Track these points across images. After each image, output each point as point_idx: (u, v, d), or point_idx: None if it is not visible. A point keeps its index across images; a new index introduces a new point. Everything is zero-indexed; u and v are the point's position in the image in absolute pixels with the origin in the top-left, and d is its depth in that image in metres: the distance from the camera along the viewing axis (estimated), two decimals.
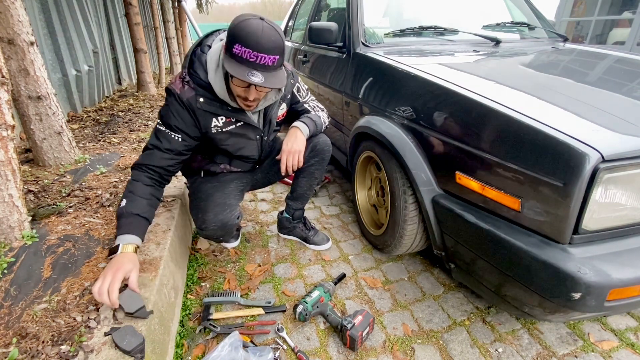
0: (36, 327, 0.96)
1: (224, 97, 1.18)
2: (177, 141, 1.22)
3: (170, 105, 1.19)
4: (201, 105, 1.18)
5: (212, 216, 1.33)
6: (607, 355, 1.19)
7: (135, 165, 1.21)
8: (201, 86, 1.18)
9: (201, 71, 1.18)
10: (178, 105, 1.18)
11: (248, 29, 1.00)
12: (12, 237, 1.31)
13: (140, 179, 1.19)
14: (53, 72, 3.13)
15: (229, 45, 1.03)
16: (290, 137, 1.39)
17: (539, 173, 0.90)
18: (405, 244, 1.47)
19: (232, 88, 1.15)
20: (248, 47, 1.00)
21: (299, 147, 1.37)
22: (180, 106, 1.18)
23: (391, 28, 1.96)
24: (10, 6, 1.66)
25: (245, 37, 0.99)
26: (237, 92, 1.15)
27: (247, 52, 1.00)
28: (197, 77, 1.17)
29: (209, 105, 1.20)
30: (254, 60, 1.01)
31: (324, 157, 1.56)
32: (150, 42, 6.64)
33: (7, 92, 1.32)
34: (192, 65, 1.19)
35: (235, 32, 1.01)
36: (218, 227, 1.34)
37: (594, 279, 0.83)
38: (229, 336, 1.11)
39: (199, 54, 1.19)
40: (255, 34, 1.00)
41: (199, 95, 1.17)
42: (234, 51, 1.01)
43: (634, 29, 4.49)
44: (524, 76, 1.39)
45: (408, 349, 1.22)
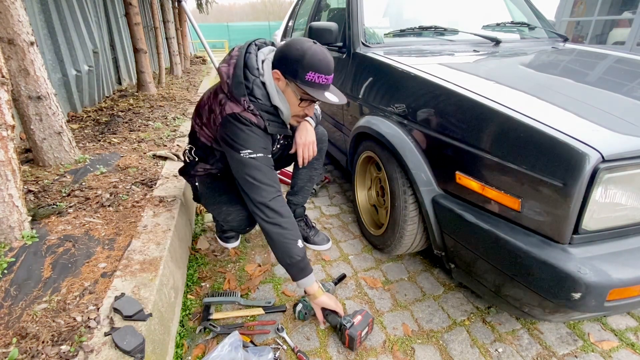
0: (36, 327, 0.96)
1: (287, 117, 1.25)
2: (270, 159, 1.25)
3: (252, 132, 1.18)
4: (270, 129, 1.21)
5: (240, 207, 1.36)
6: (607, 355, 1.19)
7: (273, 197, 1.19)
8: (265, 111, 1.20)
9: (262, 97, 1.18)
10: (260, 131, 1.20)
11: (319, 57, 1.08)
12: (12, 237, 1.31)
13: (289, 211, 1.22)
14: (53, 72, 3.13)
15: (299, 73, 1.08)
16: (301, 131, 1.44)
17: (539, 173, 0.90)
18: (405, 244, 1.47)
19: (293, 109, 1.21)
20: (322, 73, 1.09)
21: (312, 138, 1.46)
22: (262, 131, 1.21)
23: (391, 28, 1.96)
24: (10, 6, 1.66)
25: (319, 64, 1.08)
26: (297, 112, 1.22)
27: (321, 78, 1.10)
28: (261, 103, 1.18)
29: (274, 128, 1.24)
30: (325, 83, 1.12)
31: (322, 148, 1.61)
32: (150, 42, 6.64)
33: (7, 92, 1.32)
34: (251, 92, 1.16)
35: (307, 61, 1.07)
36: (246, 216, 1.37)
37: (594, 279, 0.83)
38: (229, 336, 1.11)
39: (252, 79, 1.16)
40: (325, 61, 1.09)
41: (266, 120, 1.20)
42: (307, 78, 1.09)
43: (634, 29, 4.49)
44: (524, 76, 1.39)
45: (408, 349, 1.22)
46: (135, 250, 1.29)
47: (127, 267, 1.20)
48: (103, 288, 1.11)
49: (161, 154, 2.31)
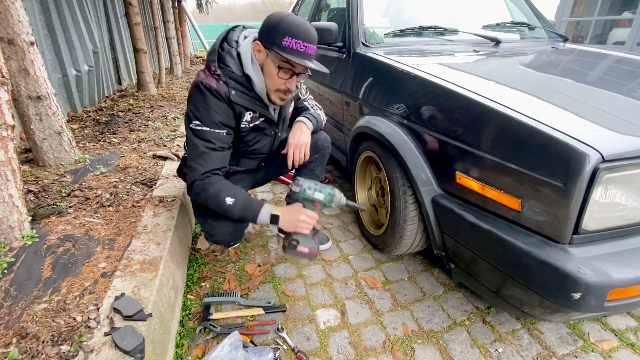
0: (36, 327, 0.96)
1: (262, 90, 1.21)
2: (225, 136, 1.20)
3: (209, 102, 1.14)
4: (234, 98, 1.17)
5: (224, 221, 1.31)
6: (607, 355, 1.19)
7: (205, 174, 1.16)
8: (234, 79, 1.17)
9: (233, 65, 1.17)
10: (217, 99, 1.15)
11: (297, 23, 1.08)
12: (12, 237, 1.31)
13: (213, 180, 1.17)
14: (53, 72, 3.12)
15: (276, 39, 1.08)
16: (295, 131, 1.40)
17: (539, 173, 0.90)
18: (405, 244, 1.47)
19: (273, 82, 1.18)
20: (299, 38, 1.07)
21: (305, 140, 1.40)
22: (219, 100, 1.16)
23: (391, 28, 1.96)
24: (10, 6, 1.66)
25: (296, 29, 1.07)
26: (277, 84, 1.18)
27: (299, 44, 1.07)
28: (229, 70, 1.17)
29: (241, 99, 1.19)
30: (304, 50, 1.09)
31: (324, 154, 1.57)
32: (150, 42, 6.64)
33: (7, 92, 1.32)
34: (221, 59, 1.18)
35: (283, 27, 1.07)
36: (229, 232, 1.34)
37: (594, 279, 0.83)
38: (229, 336, 1.11)
39: (227, 48, 1.19)
40: (303, 27, 1.08)
41: (231, 88, 1.17)
42: (284, 44, 1.07)
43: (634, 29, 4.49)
44: (524, 76, 1.39)
45: (408, 349, 1.22)
46: (135, 250, 1.29)
47: (127, 267, 1.20)
48: (103, 288, 1.11)
49: (161, 154, 2.31)
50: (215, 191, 1.16)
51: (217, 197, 1.15)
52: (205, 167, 1.17)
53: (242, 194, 1.18)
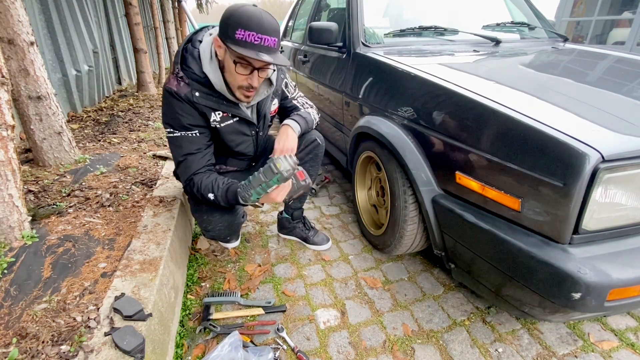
0: (36, 327, 0.96)
1: (221, 88, 1.17)
2: (198, 137, 1.22)
3: (173, 105, 1.17)
4: (197, 99, 1.17)
5: (219, 216, 1.33)
6: (607, 355, 1.19)
7: (187, 181, 1.25)
8: (196, 80, 1.16)
9: (194, 65, 1.16)
10: (178, 101, 1.16)
11: (249, 14, 1.02)
12: (12, 237, 1.31)
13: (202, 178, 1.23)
14: (53, 72, 3.13)
15: (229, 32, 1.03)
16: (281, 135, 1.36)
17: (539, 173, 0.90)
18: (405, 244, 1.47)
19: (233, 78, 1.14)
20: (252, 30, 1.01)
21: (291, 145, 1.34)
22: (181, 102, 1.17)
23: (391, 28, 1.96)
24: (10, 6, 1.66)
25: (248, 21, 1.01)
26: (238, 81, 1.13)
27: (252, 35, 1.01)
28: (191, 71, 1.16)
29: (205, 100, 1.18)
30: (259, 43, 1.03)
31: (317, 154, 1.55)
32: (150, 42, 6.64)
33: (7, 92, 1.32)
34: (184, 61, 1.18)
35: (235, 18, 1.02)
36: (225, 226, 1.34)
37: (594, 279, 0.83)
38: (228, 336, 1.11)
39: (190, 49, 1.18)
40: (257, 17, 1.02)
41: (194, 89, 1.16)
42: (237, 37, 1.02)
43: (634, 29, 4.49)
44: (524, 76, 1.39)
45: (408, 349, 1.22)
46: (135, 250, 1.29)
47: (127, 267, 1.20)
48: (103, 288, 1.11)
49: (161, 154, 2.31)
50: (200, 192, 1.23)
51: (202, 196, 1.23)
52: (187, 173, 1.24)
53: (219, 187, 1.22)
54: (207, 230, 1.36)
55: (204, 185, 1.22)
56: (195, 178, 1.23)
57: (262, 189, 1.16)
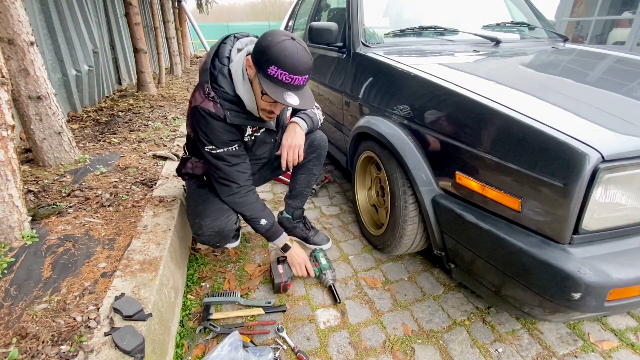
0: (36, 327, 0.96)
1: (253, 109, 1.20)
2: (238, 149, 1.27)
3: (213, 125, 1.19)
4: (230, 119, 1.19)
5: (210, 222, 1.33)
6: (607, 355, 1.19)
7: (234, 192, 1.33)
8: (227, 100, 1.17)
9: (226, 84, 1.16)
10: (217, 121, 1.18)
11: (286, 52, 1.01)
12: (12, 237, 1.31)
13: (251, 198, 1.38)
14: (53, 72, 3.12)
15: (263, 65, 1.03)
16: (289, 132, 1.39)
17: (539, 173, 0.90)
18: (405, 244, 1.47)
19: (259, 102, 1.17)
20: (285, 70, 1.02)
21: (299, 142, 1.38)
22: (219, 121, 1.19)
23: (391, 28, 1.96)
24: (10, 6, 1.66)
25: (284, 60, 1.01)
26: (262, 106, 1.18)
27: (284, 75, 1.02)
28: (223, 91, 1.16)
29: (236, 118, 1.20)
30: (289, 82, 1.04)
31: (321, 153, 1.58)
32: (150, 42, 6.64)
33: (7, 92, 1.32)
34: (214, 79, 1.16)
35: (271, 54, 1.01)
36: (215, 232, 1.34)
37: (594, 279, 0.83)
38: (228, 336, 1.11)
39: (219, 67, 1.16)
40: (292, 58, 1.01)
41: (226, 109, 1.17)
42: (269, 72, 1.03)
43: (634, 29, 4.49)
44: (524, 76, 1.39)
45: (408, 349, 1.22)
46: (135, 250, 1.29)
47: (127, 267, 1.20)
48: (103, 288, 1.11)
49: (161, 154, 2.31)
50: (251, 210, 1.38)
51: (253, 215, 1.38)
52: (237, 183, 1.32)
53: (272, 219, 1.43)
54: (198, 234, 1.37)
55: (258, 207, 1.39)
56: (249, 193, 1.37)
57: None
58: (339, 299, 1.41)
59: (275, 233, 1.44)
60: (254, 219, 1.38)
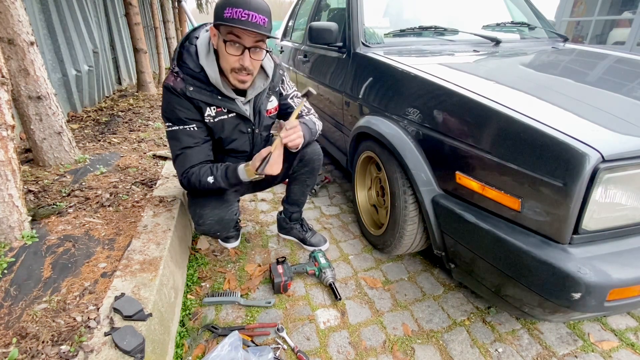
0: (36, 327, 0.96)
1: (216, 80, 1.19)
2: (196, 130, 1.25)
3: (171, 100, 1.20)
4: (191, 93, 1.19)
5: (209, 210, 1.34)
6: (607, 355, 1.19)
7: (184, 173, 1.26)
8: (190, 75, 1.19)
9: (190, 61, 1.20)
10: (175, 96, 1.20)
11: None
12: (12, 237, 1.31)
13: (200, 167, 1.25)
14: (53, 72, 3.12)
15: (219, 14, 1.07)
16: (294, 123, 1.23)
17: (539, 173, 0.90)
18: (405, 244, 1.47)
19: (226, 61, 1.15)
20: (239, 6, 1.04)
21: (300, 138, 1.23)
22: (177, 96, 1.20)
23: (391, 28, 1.96)
24: (10, 6, 1.66)
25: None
26: (230, 63, 1.14)
27: (239, 12, 1.04)
28: (187, 67, 1.19)
29: (199, 94, 1.20)
30: (246, 19, 1.05)
31: (314, 167, 1.55)
32: (150, 42, 6.64)
33: (7, 92, 1.32)
34: (181, 58, 1.21)
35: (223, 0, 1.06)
36: (215, 221, 1.34)
37: (594, 279, 0.83)
38: (228, 336, 1.11)
39: (187, 46, 1.22)
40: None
41: (188, 84, 1.19)
42: (225, 15, 1.05)
43: (634, 29, 4.49)
44: (524, 76, 1.39)
45: (408, 349, 1.22)
46: (135, 250, 1.29)
47: (127, 267, 1.20)
48: (103, 288, 1.11)
49: (161, 154, 2.31)
50: (198, 178, 1.24)
51: (200, 182, 1.24)
52: (184, 166, 1.26)
53: (218, 168, 1.25)
54: (199, 224, 1.37)
55: (202, 172, 1.24)
56: (192, 169, 1.26)
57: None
58: (339, 296, 1.41)
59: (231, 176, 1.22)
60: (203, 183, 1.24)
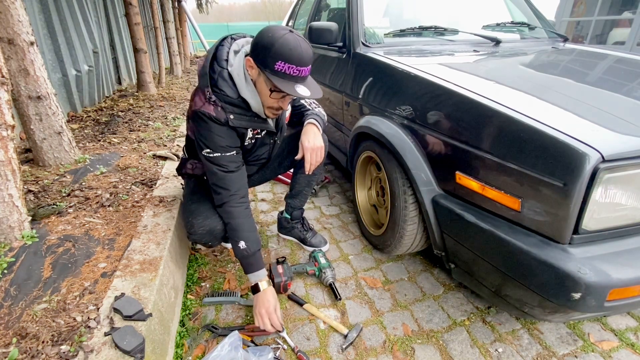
0: (36, 327, 0.96)
1: (259, 110, 1.20)
2: (235, 156, 1.25)
3: (211, 129, 1.18)
4: (233, 122, 1.18)
5: (201, 220, 1.31)
6: (607, 355, 1.19)
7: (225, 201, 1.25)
8: (229, 103, 1.17)
9: (227, 88, 1.15)
10: (218, 126, 1.17)
11: (290, 46, 1.02)
12: (12, 237, 1.31)
13: (240, 212, 1.25)
14: (53, 72, 3.12)
15: (268, 62, 1.04)
16: (309, 134, 1.35)
17: (539, 173, 0.90)
18: (405, 244, 1.47)
19: (265, 100, 1.17)
20: (292, 63, 1.03)
21: (320, 143, 1.36)
22: (221, 125, 1.18)
23: (391, 28, 1.96)
24: (10, 6, 1.66)
25: (289, 54, 1.02)
26: (270, 104, 1.17)
27: (292, 68, 1.04)
28: (224, 94, 1.15)
29: (239, 121, 1.20)
30: (297, 75, 1.05)
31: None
32: (150, 42, 6.64)
33: (7, 92, 1.32)
34: (214, 83, 1.16)
35: (275, 49, 1.02)
36: (206, 231, 1.32)
37: (594, 279, 0.83)
38: (228, 336, 1.11)
39: (218, 70, 1.16)
40: (297, 50, 1.03)
41: (229, 113, 1.17)
42: (277, 68, 1.03)
43: (634, 29, 4.49)
44: (524, 76, 1.39)
45: (408, 349, 1.22)
46: (135, 250, 1.29)
47: (127, 267, 1.20)
48: (103, 288, 1.11)
49: (161, 154, 2.31)
50: (237, 225, 1.24)
51: (235, 231, 1.24)
52: (229, 190, 1.25)
53: (255, 246, 1.24)
54: (190, 233, 1.35)
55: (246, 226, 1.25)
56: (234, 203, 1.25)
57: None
58: (339, 296, 1.41)
59: (252, 265, 1.25)
60: (236, 236, 1.24)
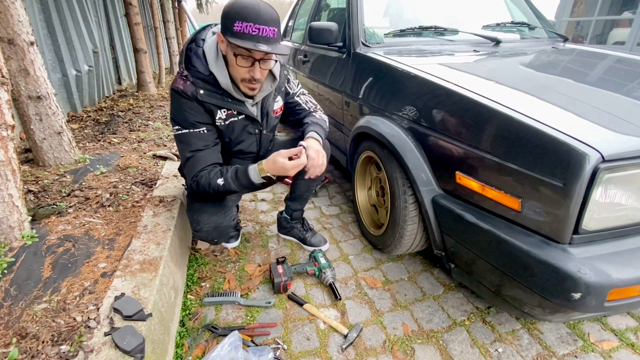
0: (36, 327, 0.96)
1: (227, 86, 1.19)
2: (206, 133, 1.23)
3: (181, 104, 1.20)
4: (202, 97, 1.19)
5: (207, 217, 1.33)
6: (607, 355, 1.19)
7: (194, 176, 1.23)
8: (200, 79, 1.19)
9: (199, 64, 1.18)
10: (186, 100, 1.19)
11: (245, 5, 1.03)
12: (12, 237, 1.31)
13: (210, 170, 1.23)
14: (53, 72, 3.12)
15: (228, 26, 1.05)
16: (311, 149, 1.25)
17: (539, 173, 0.90)
18: (405, 244, 1.47)
19: (236, 71, 1.15)
20: (249, 21, 1.02)
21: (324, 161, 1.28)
22: (188, 100, 1.19)
23: (391, 28, 1.96)
24: (10, 6, 1.66)
25: (245, 12, 1.02)
26: (241, 74, 1.15)
27: (249, 26, 1.02)
28: (196, 70, 1.18)
29: (210, 97, 1.20)
30: (257, 33, 1.03)
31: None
32: (150, 42, 6.64)
33: (7, 92, 1.32)
34: (189, 61, 1.20)
35: (233, 12, 1.04)
36: (212, 228, 1.33)
37: (594, 279, 0.83)
38: (228, 336, 1.11)
39: (194, 49, 1.20)
40: (254, 9, 1.03)
41: (199, 88, 1.18)
42: (235, 29, 1.03)
43: (634, 29, 4.49)
44: (524, 76, 1.39)
45: (408, 349, 1.22)
46: (135, 250, 1.29)
47: (127, 267, 1.20)
48: (103, 288, 1.11)
49: (161, 154, 2.31)
50: (208, 181, 1.22)
51: (210, 185, 1.22)
52: (195, 169, 1.23)
53: (228, 169, 1.23)
54: (196, 230, 1.36)
55: (212, 174, 1.22)
56: (202, 172, 1.24)
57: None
58: (339, 296, 1.41)
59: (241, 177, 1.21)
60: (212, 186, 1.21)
